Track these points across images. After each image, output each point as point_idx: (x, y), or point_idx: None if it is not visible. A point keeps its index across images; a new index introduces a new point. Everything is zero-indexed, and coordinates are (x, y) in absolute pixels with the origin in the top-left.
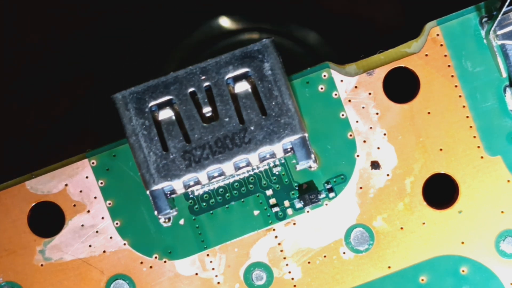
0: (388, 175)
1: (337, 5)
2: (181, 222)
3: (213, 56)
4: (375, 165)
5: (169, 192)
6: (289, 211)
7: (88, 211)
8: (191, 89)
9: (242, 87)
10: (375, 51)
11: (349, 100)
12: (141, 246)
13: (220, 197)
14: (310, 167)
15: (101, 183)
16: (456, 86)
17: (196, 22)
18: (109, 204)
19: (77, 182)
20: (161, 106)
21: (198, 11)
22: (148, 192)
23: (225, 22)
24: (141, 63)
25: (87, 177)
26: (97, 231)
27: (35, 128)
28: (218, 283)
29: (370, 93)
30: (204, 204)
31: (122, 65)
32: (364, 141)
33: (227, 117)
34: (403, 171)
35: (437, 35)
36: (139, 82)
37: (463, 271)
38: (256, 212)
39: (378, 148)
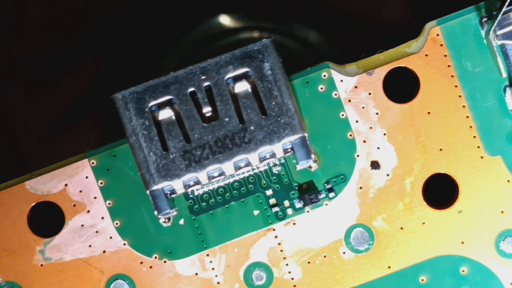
0: (388, 175)
1: (339, 4)
2: (181, 222)
3: (213, 55)
4: (375, 165)
5: (169, 192)
6: (289, 211)
7: (88, 211)
8: (191, 89)
9: (242, 87)
10: (378, 49)
11: (349, 100)
12: (141, 246)
13: (220, 197)
14: (310, 167)
15: (101, 183)
16: (456, 86)
17: (195, 20)
18: (109, 204)
19: (77, 182)
20: (161, 106)
21: (197, 9)
22: (148, 192)
23: (225, 20)
24: (140, 62)
25: (87, 177)
26: (97, 231)
27: (34, 128)
28: (218, 283)
29: (370, 93)
30: (204, 204)
31: (121, 64)
32: (364, 141)
33: (227, 117)
34: (403, 171)
35: (437, 35)
36: (138, 81)
37: (463, 271)
38: (256, 212)
39: (378, 148)
